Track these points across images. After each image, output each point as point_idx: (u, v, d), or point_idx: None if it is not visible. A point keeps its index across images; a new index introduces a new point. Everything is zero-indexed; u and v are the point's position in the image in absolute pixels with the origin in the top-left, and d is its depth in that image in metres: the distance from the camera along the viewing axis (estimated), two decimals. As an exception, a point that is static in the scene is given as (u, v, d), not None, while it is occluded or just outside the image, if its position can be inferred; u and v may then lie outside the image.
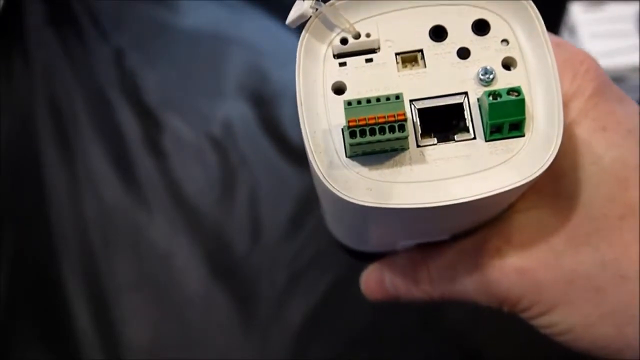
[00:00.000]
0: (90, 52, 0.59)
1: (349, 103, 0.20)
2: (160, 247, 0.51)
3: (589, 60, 0.25)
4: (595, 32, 0.50)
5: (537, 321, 0.25)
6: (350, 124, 0.20)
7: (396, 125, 0.20)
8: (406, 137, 0.20)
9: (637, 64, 0.48)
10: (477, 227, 0.26)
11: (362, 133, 0.20)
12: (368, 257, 0.31)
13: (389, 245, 0.29)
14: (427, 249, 0.27)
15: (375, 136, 0.20)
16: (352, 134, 0.20)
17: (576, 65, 0.25)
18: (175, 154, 0.54)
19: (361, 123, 0.20)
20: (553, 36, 0.25)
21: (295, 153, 0.53)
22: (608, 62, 0.49)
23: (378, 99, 0.20)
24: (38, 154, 0.54)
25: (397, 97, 0.20)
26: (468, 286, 0.26)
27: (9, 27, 0.59)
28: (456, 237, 0.26)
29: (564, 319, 0.24)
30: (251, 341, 0.47)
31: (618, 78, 0.49)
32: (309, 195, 0.51)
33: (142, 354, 0.47)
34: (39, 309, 0.49)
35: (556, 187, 0.24)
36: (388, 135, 0.20)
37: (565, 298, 0.24)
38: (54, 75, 0.57)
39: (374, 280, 0.30)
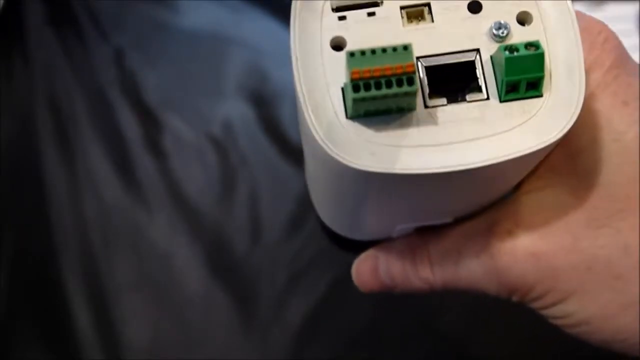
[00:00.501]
0: (90, 52, 0.59)
1: (351, 54, 0.18)
2: (160, 247, 0.51)
3: (607, 31, 0.23)
4: (595, 32, 0.50)
5: (550, 311, 0.23)
6: (354, 76, 0.18)
7: (404, 78, 0.18)
8: (415, 92, 0.19)
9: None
10: (482, 209, 0.24)
11: (367, 87, 0.18)
12: (359, 248, 0.29)
13: (385, 229, 0.27)
14: (428, 232, 0.25)
15: (382, 90, 0.18)
16: (356, 88, 0.18)
17: (594, 35, 0.23)
18: (175, 154, 0.54)
19: (365, 75, 0.18)
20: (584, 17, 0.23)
21: (295, 153, 0.53)
22: (608, 62, 0.49)
23: (384, 50, 0.18)
24: (38, 154, 0.54)
25: (405, 47, 0.18)
26: (474, 272, 0.24)
27: (9, 27, 0.59)
28: (459, 221, 0.24)
29: (580, 309, 0.22)
30: (251, 341, 0.47)
31: (618, 78, 0.49)
32: (309, 195, 0.51)
33: (142, 354, 0.47)
34: (39, 309, 0.49)
35: (573, 164, 0.22)
36: (395, 89, 0.18)
37: (583, 286, 0.22)
38: (54, 75, 0.57)
39: (368, 269, 0.27)
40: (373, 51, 0.18)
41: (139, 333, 0.47)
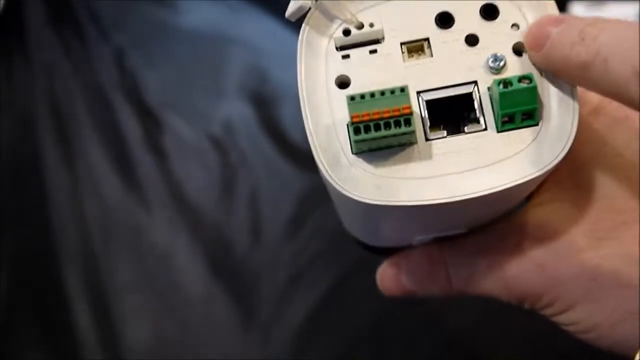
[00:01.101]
0: (91, 52, 0.59)
1: (352, 98, 0.19)
2: (160, 247, 0.51)
3: None
4: (596, 32, 0.50)
5: (559, 318, 0.24)
6: (354, 119, 0.19)
7: (402, 119, 0.19)
8: (412, 132, 0.20)
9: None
10: (496, 218, 0.25)
11: (367, 129, 0.19)
12: (383, 251, 0.30)
13: (403, 240, 0.28)
14: (444, 242, 0.26)
15: (381, 132, 0.19)
16: (357, 130, 0.19)
17: None
18: (176, 154, 0.54)
19: (365, 119, 0.19)
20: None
21: (295, 153, 0.53)
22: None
23: (382, 93, 0.19)
24: (38, 154, 0.54)
25: (402, 89, 0.19)
26: (487, 282, 0.25)
27: (9, 27, 0.59)
28: (473, 230, 0.25)
29: (587, 317, 0.23)
30: (251, 341, 0.47)
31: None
32: (309, 195, 0.51)
33: (142, 354, 0.47)
34: (39, 309, 0.49)
35: (577, 178, 0.23)
36: (394, 131, 0.19)
37: (589, 294, 0.23)
38: (54, 75, 0.57)
39: (390, 276, 0.28)
40: (372, 94, 0.19)
41: (139, 333, 0.48)
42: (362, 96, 0.19)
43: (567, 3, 0.53)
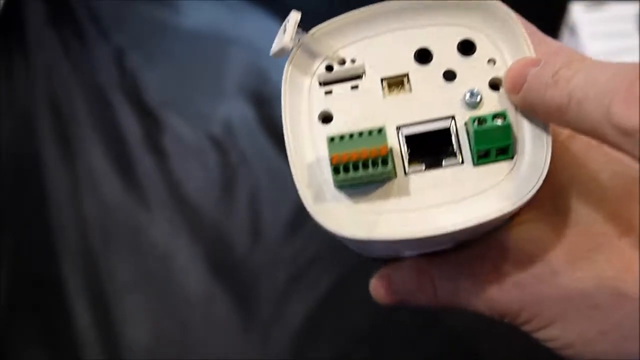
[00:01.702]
0: (90, 52, 0.59)
1: (332, 139, 0.20)
2: (160, 247, 0.51)
3: None
4: (596, 32, 0.50)
5: (538, 334, 0.25)
6: (334, 160, 0.20)
7: (379, 160, 0.20)
8: (390, 171, 0.20)
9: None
10: (481, 235, 0.25)
11: (346, 169, 0.20)
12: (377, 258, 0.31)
13: (393, 255, 0.29)
14: (433, 256, 0.27)
15: (359, 172, 0.20)
16: (336, 170, 0.20)
17: None
18: (175, 153, 0.54)
19: (344, 159, 0.20)
20: (553, 44, 0.24)
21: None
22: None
23: (361, 134, 0.20)
24: (38, 154, 0.54)
25: (380, 130, 0.20)
26: (470, 300, 0.26)
27: (9, 27, 0.59)
28: (460, 245, 0.26)
29: (562, 334, 0.24)
30: (251, 341, 0.47)
31: (618, 78, 0.49)
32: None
33: (142, 354, 0.47)
34: (39, 309, 0.49)
35: (555, 201, 0.24)
36: (372, 171, 0.20)
37: (564, 314, 0.24)
38: (54, 75, 0.57)
39: (382, 286, 0.29)
40: (351, 135, 0.20)
41: (139, 333, 0.48)
42: (342, 137, 0.20)
43: (567, 3, 0.53)
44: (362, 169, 0.20)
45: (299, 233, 0.50)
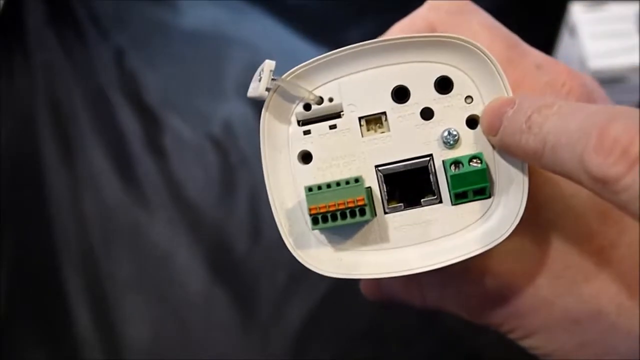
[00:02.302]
0: (90, 52, 0.59)
1: (310, 189, 0.21)
2: (160, 247, 0.51)
3: (571, 81, 0.24)
4: (596, 32, 0.50)
5: (521, 342, 0.26)
6: (312, 211, 0.21)
7: (357, 210, 0.20)
8: (368, 220, 0.21)
9: (637, 64, 0.48)
10: None
11: (324, 219, 0.21)
12: None
13: None
14: None
15: (337, 221, 0.21)
16: (315, 221, 0.21)
17: (557, 88, 0.24)
18: (175, 153, 0.54)
19: (322, 210, 0.21)
20: (537, 56, 0.24)
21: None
22: (608, 62, 0.49)
23: (338, 183, 0.21)
24: (38, 154, 0.54)
25: (357, 180, 0.21)
26: (455, 307, 0.26)
27: (9, 27, 0.59)
28: None
29: (543, 344, 0.25)
30: (251, 341, 0.47)
31: (618, 78, 0.49)
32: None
33: (142, 354, 0.47)
34: (39, 309, 0.49)
35: (536, 217, 0.24)
36: (349, 220, 0.21)
37: (545, 326, 0.24)
38: (54, 75, 0.57)
39: (371, 283, 0.30)
40: (329, 185, 0.21)
41: (139, 333, 0.47)
42: (319, 187, 0.21)
43: (567, 3, 0.53)
44: (340, 218, 0.21)
45: (299, 233, 0.50)
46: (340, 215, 0.21)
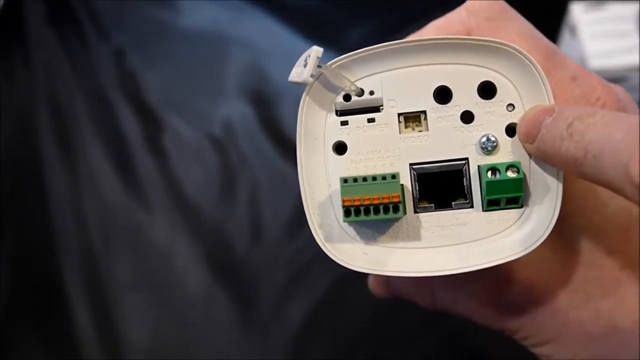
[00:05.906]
0: (90, 52, 0.59)
1: (345, 180, 0.20)
2: (160, 247, 0.51)
3: (606, 96, 0.24)
4: (596, 32, 0.50)
5: (534, 349, 0.26)
6: (346, 203, 0.20)
7: (391, 206, 0.20)
8: (399, 218, 0.21)
9: (637, 64, 0.48)
10: None
11: (357, 212, 0.20)
12: None
13: None
14: None
15: (370, 216, 0.20)
16: (347, 213, 0.20)
17: (591, 102, 0.24)
18: (176, 153, 0.54)
19: (356, 203, 0.20)
20: (573, 67, 0.24)
21: (295, 153, 0.53)
22: (608, 62, 0.49)
23: (374, 178, 0.20)
24: (38, 153, 0.54)
25: (394, 176, 0.20)
26: (468, 310, 0.26)
27: (9, 27, 0.59)
28: None
29: (555, 354, 0.25)
30: (251, 341, 0.47)
31: (618, 78, 0.49)
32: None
33: (142, 354, 0.47)
34: (39, 309, 0.49)
35: (561, 227, 0.23)
36: (382, 216, 0.20)
37: (558, 337, 0.25)
38: (54, 75, 0.57)
39: (380, 281, 0.30)
40: (364, 179, 0.20)
41: (139, 333, 0.47)
42: (355, 179, 0.20)
43: (567, 3, 0.53)
44: (373, 213, 0.20)
45: (299, 233, 0.50)
46: (374, 210, 0.20)
